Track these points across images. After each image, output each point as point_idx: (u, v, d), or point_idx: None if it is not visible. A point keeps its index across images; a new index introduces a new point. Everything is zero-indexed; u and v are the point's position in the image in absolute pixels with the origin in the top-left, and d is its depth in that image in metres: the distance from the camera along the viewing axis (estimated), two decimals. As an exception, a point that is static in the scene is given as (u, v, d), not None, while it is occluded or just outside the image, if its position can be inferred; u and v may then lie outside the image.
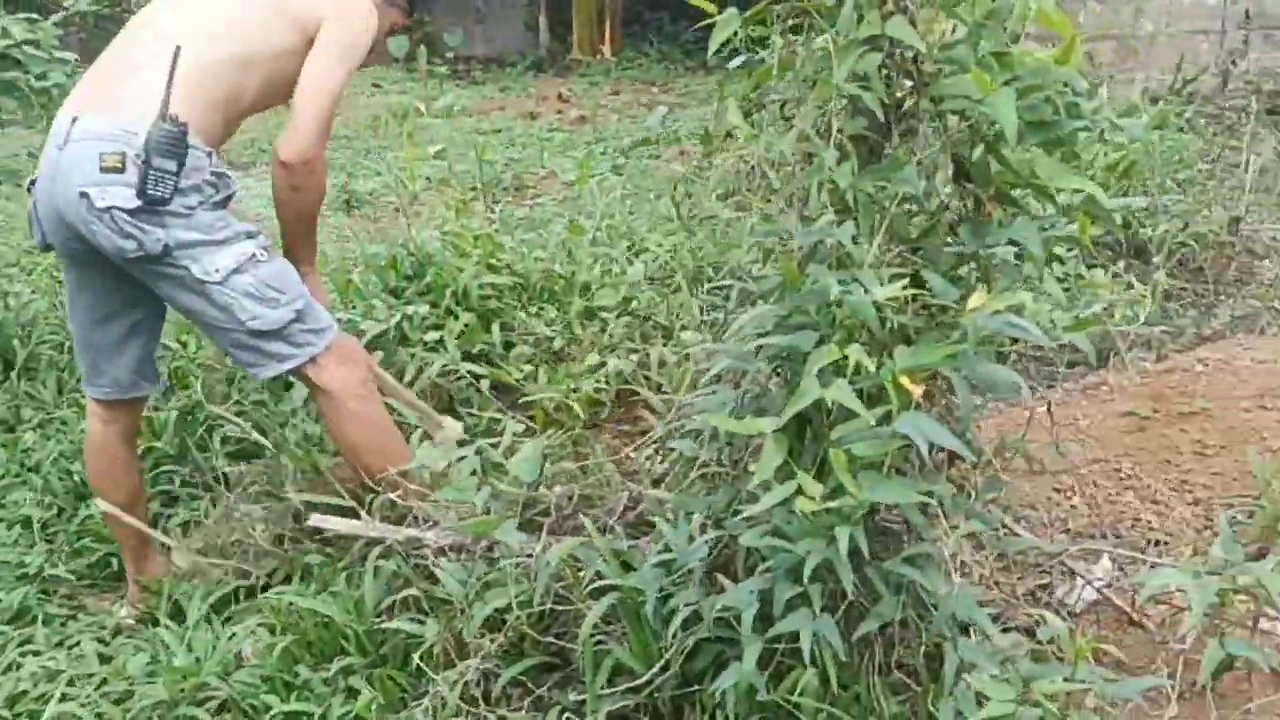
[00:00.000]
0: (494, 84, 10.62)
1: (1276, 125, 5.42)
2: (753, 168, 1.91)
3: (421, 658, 1.97)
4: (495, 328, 3.33)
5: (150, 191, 2.12)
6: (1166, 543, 2.29)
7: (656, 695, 1.88)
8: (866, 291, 1.63)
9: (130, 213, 2.14)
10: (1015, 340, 1.74)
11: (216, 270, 2.26)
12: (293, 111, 2.35)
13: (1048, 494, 2.49)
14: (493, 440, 2.18)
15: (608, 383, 3.15)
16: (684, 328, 3.35)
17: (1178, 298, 3.55)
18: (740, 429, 1.68)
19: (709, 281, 3.66)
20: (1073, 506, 2.45)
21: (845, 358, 1.60)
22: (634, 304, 3.50)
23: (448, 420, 2.80)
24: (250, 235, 2.33)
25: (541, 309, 3.45)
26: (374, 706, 1.92)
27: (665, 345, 3.24)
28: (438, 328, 3.29)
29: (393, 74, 10.85)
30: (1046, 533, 2.26)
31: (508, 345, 3.33)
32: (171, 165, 2.13)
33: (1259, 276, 3.51)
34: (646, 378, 3.14)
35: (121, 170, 2.14)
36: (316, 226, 2.55)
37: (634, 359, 3.27)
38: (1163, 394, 2.77)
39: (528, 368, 3.14)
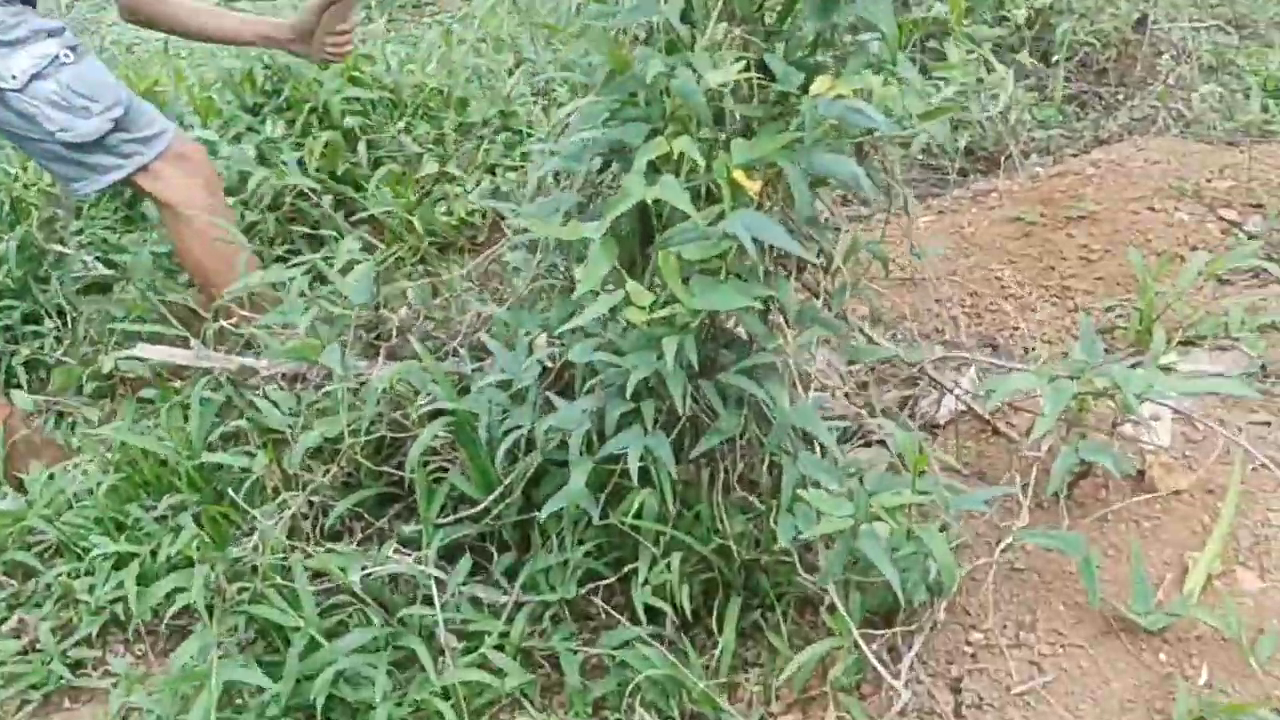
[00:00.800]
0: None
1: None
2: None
3: (249, 492, 1.85)
4: (361, 146, 3.10)
5: (-87, -18, 1.87)
6: (1042, 352, 2.21)
7: (499, 523, 1.78)
8: (700, 77, 1.47)
9: (-103, 9, 1.89)
10: (870, 131, 1.58)
11: (13, 76, 2.04)
12: None
13: (926, 305, 2.38)
14: (327, 256, 2.00)
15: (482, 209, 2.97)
16: (568, 142, 3.14)
17: (1079, 100, 3.40)
18: (565, 234, 1.53)
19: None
20: (953, 319, 2.35)
21: (675, 152, 1.46)
22: (513, 119, 3.28)
23: None
24: (52, 33, 2.09)
25: (411, 125, 3.21)
26: (197, 545, 1.80)
27: (545, 162, 3.04)
28: (300, 146, 3.06)
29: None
30: (920, 345, 2.16)
31: (377, 164, 3.12)
32: (-64, -48, 1.88)
33: (1163, 77, 3.37)
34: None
35: None
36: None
37: (511, 177, 3.09)
38: (1052, 198, 2.65)
39: (388, 188, 2.93)
